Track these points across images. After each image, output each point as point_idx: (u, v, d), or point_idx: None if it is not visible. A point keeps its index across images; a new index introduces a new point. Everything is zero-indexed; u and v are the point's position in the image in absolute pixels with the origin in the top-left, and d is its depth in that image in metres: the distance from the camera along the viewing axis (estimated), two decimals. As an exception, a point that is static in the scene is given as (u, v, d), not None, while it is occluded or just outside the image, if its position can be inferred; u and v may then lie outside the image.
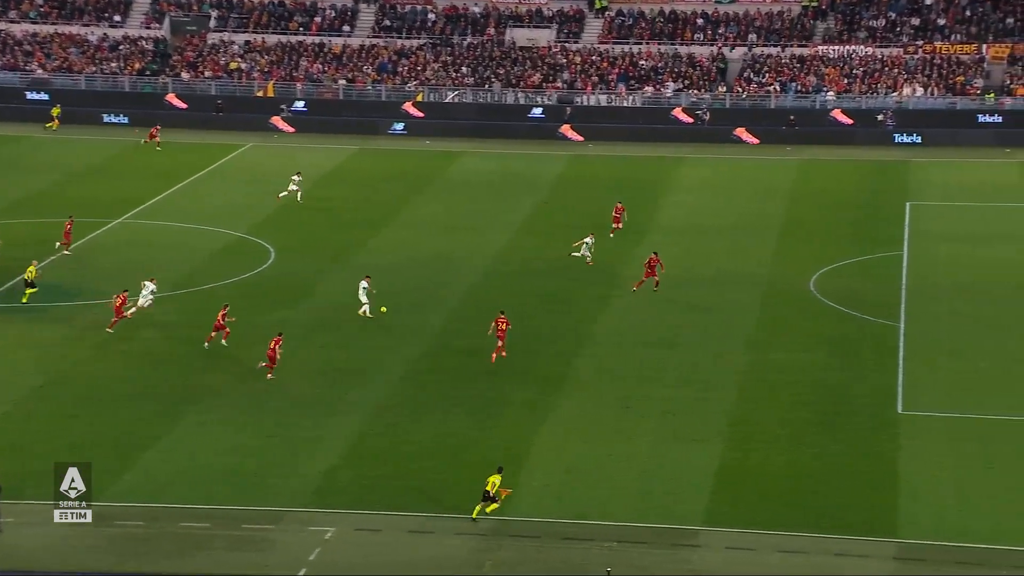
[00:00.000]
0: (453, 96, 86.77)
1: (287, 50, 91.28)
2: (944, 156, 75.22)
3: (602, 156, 77.78)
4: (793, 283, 53.56)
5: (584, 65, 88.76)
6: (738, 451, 38.79)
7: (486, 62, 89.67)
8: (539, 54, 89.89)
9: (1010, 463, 37.42)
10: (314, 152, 78.88)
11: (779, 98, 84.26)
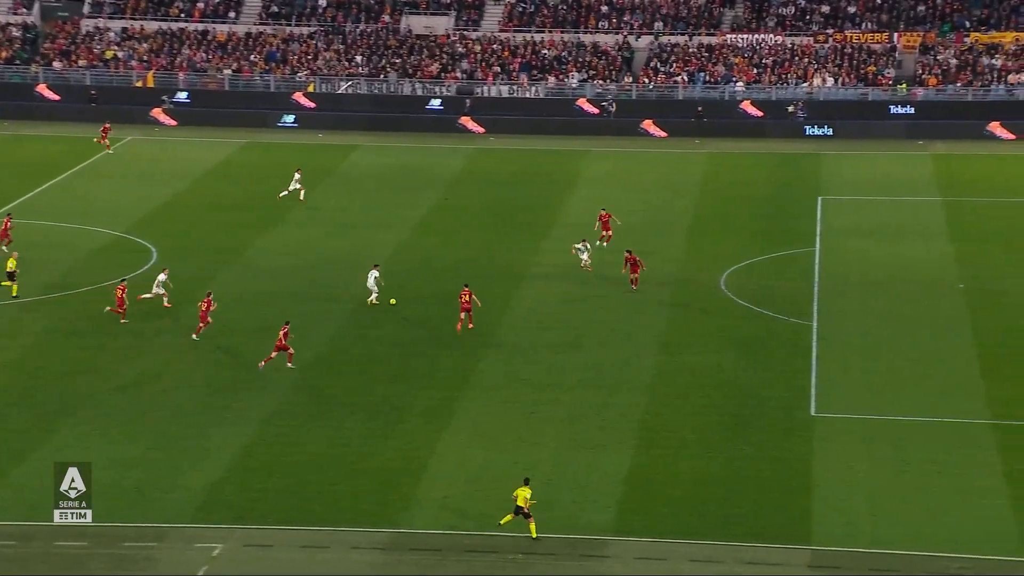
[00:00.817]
0: (346, 87, 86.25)
1: (168, 38, 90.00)
2: (856, 149, 76.59)
3: (504, 149, 77.87)
4: (703, 281, 54.10)
5: (484, 54, 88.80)
6: (647, 457, 39.05)
7: (381, 51, 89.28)
8: (437, 42, 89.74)
9: (924, 466, 38.16)
10: (198, 146, 77.86)
11: (687, 89, 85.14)
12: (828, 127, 79.84)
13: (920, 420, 41.11)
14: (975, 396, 42.71)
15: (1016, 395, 42.74)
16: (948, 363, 45.38)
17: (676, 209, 64.90)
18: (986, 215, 62.63)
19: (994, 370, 44.63)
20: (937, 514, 35.62)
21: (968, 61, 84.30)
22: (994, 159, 73.43)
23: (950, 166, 72.14)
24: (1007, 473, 37.51)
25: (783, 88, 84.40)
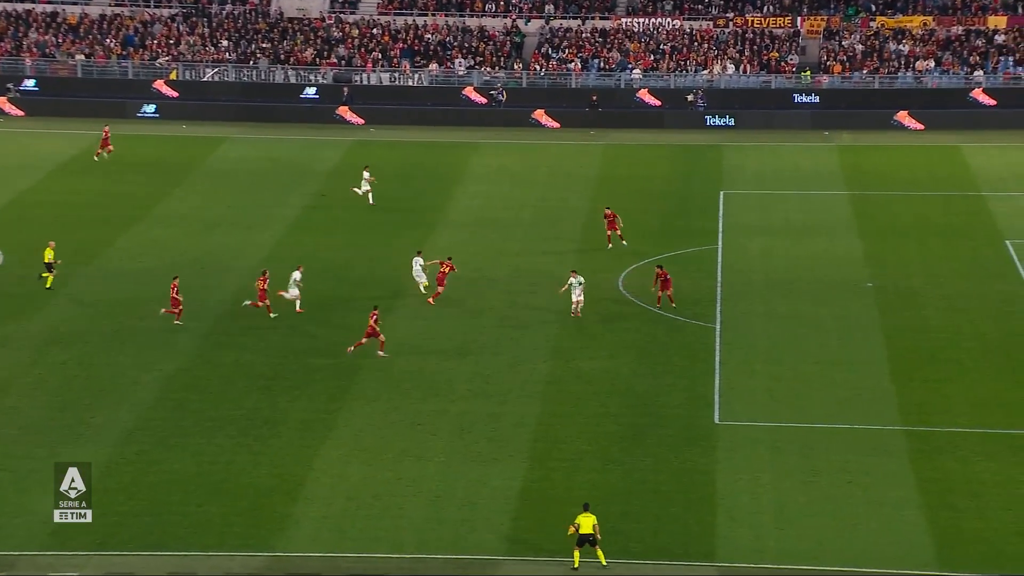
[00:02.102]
0: (213, 74, 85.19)
1: (12, 20, 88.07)
2: (759, 140, 77.61)
3: (385, 142, 77.55)
4: (599, 282, 54.32)
5: (363, 39, 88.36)
6: (541, 470, 39.07)
7: (250, 35, 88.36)
8: (311, 26, 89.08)
9: (833, 476, 38.67)
10: (49, 138, 76.34)
11: (580, 76, 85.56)
12: (729, 117, 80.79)
13: (829, 427, 41.67)
14: (886, 401, 43.43)
15: (928, 400, 43.55)
16: (857, 367, 46.09)
17: (571, 205, 65.14)
18: (895, 209, 63.83)
19: (905, 373, 45.43)
20: (847, 526, 36.10)
21: (874, 47, 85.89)
22: (902, 150, 74.91)
23: (857, 158, 73.41)
24: (919, 482, 38.16)
25: (682, 76, 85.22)
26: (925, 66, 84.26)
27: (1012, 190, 66.24)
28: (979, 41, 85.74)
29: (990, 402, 43.21)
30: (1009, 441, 40.51)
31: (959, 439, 40.63)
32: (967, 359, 46.58)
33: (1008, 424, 41.68)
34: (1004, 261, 56.14)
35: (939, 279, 54.34)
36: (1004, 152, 73.50)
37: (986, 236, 59.41)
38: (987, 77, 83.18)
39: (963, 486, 37.86)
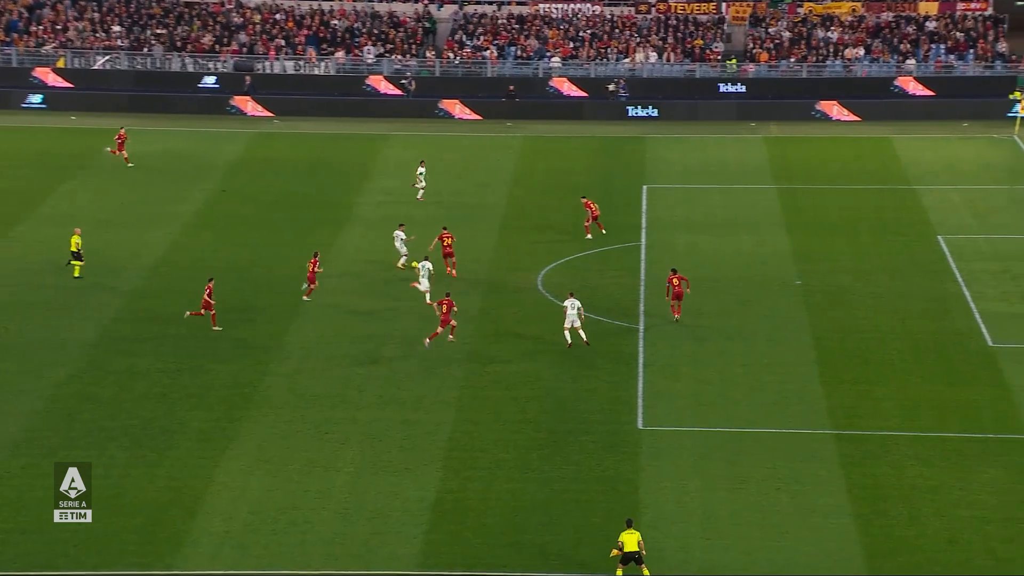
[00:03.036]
0: (104, 61, 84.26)
1: None
2: (683, 132, 78.11)
3: (290, 134, 77.15)
4: (518, 281, 54.38)
5: (265, 25, 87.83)
6: (456, 480, 39.05)
7: (144, 20, 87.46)
8: (209, 11, 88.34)
9: (761, 483, 39.00)
10: (-73, 130, 75.08)
11: (497, 65, 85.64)
12: (652, 107, 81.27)
13: (757, 432, 42.03)
14: (815, 404, 43.88)
15: (858, 402, 44.06)
16: (786, 369, 46.52)
17: (487, 200, 65.17)
18: (824, 204, 64.52)
19: (835, 375, 45.93)
20: (776, 535, 36.42)
21: (802, 34, 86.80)
22: (831, 142, 75.74)
23: (785, 150, 74.13)
24: (850, 488, 38.60)
25: (602, 64, 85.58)
26: (854, 54, 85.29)
27: (944, 183, 67.22)
28: (910, 28, 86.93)
29: (922, 404, 43.82)
30: (941, 445, 41.09)
31: (891, 443, 41.16)
32: (899, 360, 47.19)
33: (940, 427, 42.28)
34: (936, 257, 56.95)
35: (870, 276, 55.01)
36: (936, 144, 74.59)
37: (918, 232, 60.23)
38: (918, 66, 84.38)
39: (895, 492, 38.35)
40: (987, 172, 69.23)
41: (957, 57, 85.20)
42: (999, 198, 64.90)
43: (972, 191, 66.01)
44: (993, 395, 44.38)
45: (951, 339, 48.85)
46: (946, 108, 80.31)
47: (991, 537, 36.10)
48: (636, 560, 33.94)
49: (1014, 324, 49.99)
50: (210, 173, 68.88)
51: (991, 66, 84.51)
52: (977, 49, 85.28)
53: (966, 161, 71.27)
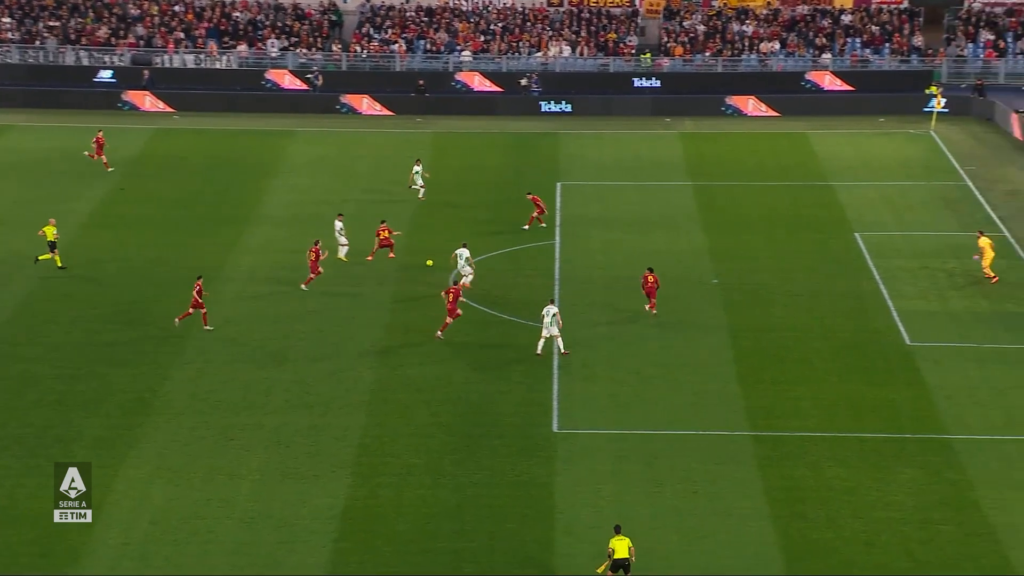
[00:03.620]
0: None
1: None
2: (597, 127, 78.41)
3: (191, 130, 76.52)
4: (428, 281, 54.32)
5: (164, 17, 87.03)
6: (366, 487, 38.97)
7: (35, 11, 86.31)
8: (105, 2, 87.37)
9: (678, 485, 39.28)
10: None
11: (406, 59, 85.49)
12: (566, 102, 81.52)
13: (673, 434, 42.32)
14: (732, 405, 44.26)
15: (776, 403, 44.49)
16: (703, 369, 46.87)
17: (397, 199, 65.00)
18: (741, 201, 65.06)
19: (752, 375, 46.35)
20: (693, 539, 36.70)
21: (717, 28, 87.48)
22: (747, 137, 76.38)
23: (700, 146, 74.67)
24: (767, 490, 38.98)
25: (514, 58, 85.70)
26: (770, 48, 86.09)
27: (861, 179, 68.04)
28: (825, 22, 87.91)
29: (840, 404, 44.34)
30: (859, 445, 41.60)
31: (809, 444, 41.61)
32: (816, 359, 47.72)
33: (858, 427, 42.81)
34: (854, 255, 57.65)
35: (787, 274, 55.56)
36: (853, 139, 75.48)
37: (835, 229, 60.92)
38: (834, 60, 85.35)
39: (813, 494, 38.78)
40: (904, 168, 70.19)
41: (873, 51, 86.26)
42: (916, 194, 65.82)
43: (889, 187, 66.89)
44: (911, 394, 45.02)
45: (869, 338, 49.46)
46: (863, 103, 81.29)
47: (909, 539, 36.62)
48: (625, 568, 34.00)
49: (931, 322, 50.72)
50: (106, 171, 68.07)
51: (907, 60, 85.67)
52: (893, 43, 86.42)
53: (883, 157, 72.19)
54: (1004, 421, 43.22)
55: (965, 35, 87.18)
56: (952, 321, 50.88)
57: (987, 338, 49.23)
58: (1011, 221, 60.67)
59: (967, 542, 36.47)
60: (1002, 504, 38.17)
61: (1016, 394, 44.99)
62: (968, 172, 68.45)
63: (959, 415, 43.54)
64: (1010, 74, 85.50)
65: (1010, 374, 46.42)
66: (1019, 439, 42.00)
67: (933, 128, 75.93)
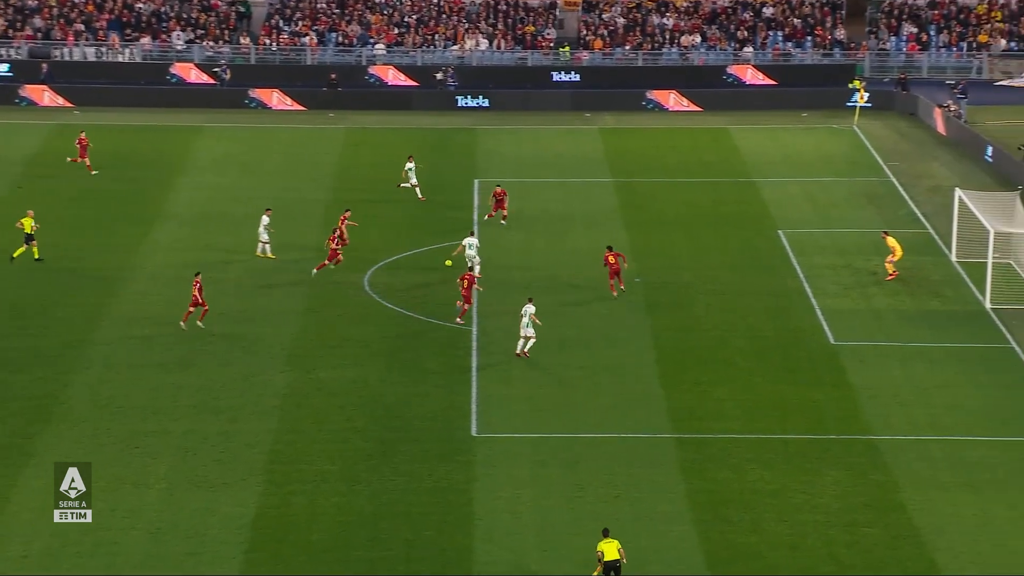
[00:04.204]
0: None
1: None
2: (515, 123, 78.52)
3: (94, 126, 75.67)
4: (342, 281, 54.19)
5: (62, 8, 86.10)
6: (278, 495, 38.80)
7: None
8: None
9: (599, 490, 39.42)
10: None
11: (317, 52, 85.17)
12: (483, 97, 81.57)
13: (595, 437, 42.49)
14: (655, 407, 44.50)
15: (699, 404, 44.79)
16: (624, 370, 47.09)
17: (309, 196, 64.79)
18: (662, 198, 65.42)
19: (675, 376, 46.63)
20: (616, 544, 36.88)
21: (636, 20, 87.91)
22: (668, 133, 76.81)
23: (621, 141, 75.00)
24: (690, 494, 39.24)
25: (430, 52, 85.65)
26: (690, 41, 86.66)
27: (784, 175, 68.66)
28: (746, 14, 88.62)
29: (764, 405, 44.72)
30: (783, 447, 41.98)
31: (732, 446, 41.93)
32: (740, 359, 48.10)
33: (782, 428, 43.20)
34: (777, 253, 58.15)
35: (710, 273, 55.94)
36: (775, 134, 76.14)
37: (758, 226, 61.43)
38: (756, 54, 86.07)
39: (736, 497, 39.08)
40: (827, 163, 70.91)
41: (795, 44, 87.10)
42: (839, 190, 66.51)
43: (812, 183, 67.54)
44: (835, 395, 45.49)
45: (793, 337, 49.93)
46: (785, 97, 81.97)
47: (834, 542, 37.00)
48: (616, 570, 34.06)
49: (855, 321, 51.29)
50: (4, 168, 67.29)
51: (830, 53, 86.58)
52: (815, 36, 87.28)
53: (806, 152, 72.90)
54: (928, 421, 43.80)
55: (888, 28, 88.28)
56: (876, 319, 51.49)
57: (911, 337, 49.86)
58: (935, 218, 61.45)
59: (893, 545, 36.91)
60: (927, 505, 38.68)
61: (940, 393, 45.61)
62: (891, 168, 69.30)
63: (884, 415, 44.06)
64: (933, 68, 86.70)
65: (934, 373, 47.05)
66: (943, 439, 42.58)
67: (856, 123, 76.77)
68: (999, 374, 47.08)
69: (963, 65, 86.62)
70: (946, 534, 37.37)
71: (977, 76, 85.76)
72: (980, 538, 37.17)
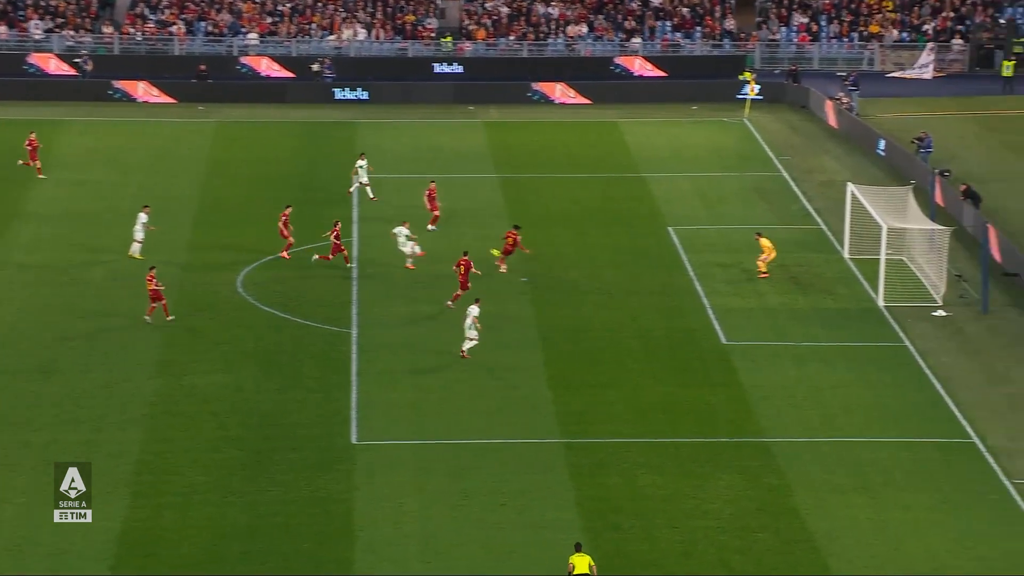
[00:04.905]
0: None
1: None
2: (396, 116, 78.37)
3: (-53, 119, 74.49)
4: (214, 282, 53.77)
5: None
6: (146, 508, 38.39)
7: None
8: None
9: (486, 498, 39.43)
10: None
11: (186, 42, 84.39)
12: (362, 89, 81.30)
13: (481, 443, 42.49)
14: (543, 411, 44.60)
15: (588, 407, 44.96)
16: (511, 373, 47.14)
17: (178, 194, 64.17)
18: (549, 194, 65.60)
19: (564, 378, 46.77)
20: (502, 555, 36.90)
21: (521, 9, 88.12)
22: (555, 126, 77.08)
23: (506, 135, 75.12)
24: (580, 501, 39.36)
25: (305, 42, 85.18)
26: (577, 32, 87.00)
27: (674, 170, 69.16)
28: (634, 4, 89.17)
29: (655, 407, 44.99)
30: (675, 451, 42.25)
31: (622, 451, 42.12)
32: (630, 360, 48.35)
33: (674, 432, 43.49)
34: (667, 250, 58.55)
35: (599, 271, 56.19)
36: (664, 128, 76.70)
37: (648, 222, 61.82)
38: (644, 44, 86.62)
39: (627, 504, 39.26)
40: (718, 158, 71.55)
41: (684, 35, 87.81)
42: (730, 185, 67.14)
43: (702, 178, 68.12)
44: (727, 396, 45.89)
45: (684, 337, 50.29)
46: (675, 89, 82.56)
47: (726, 548, 37.30)
48: None
49: (747, 320, 51.78)
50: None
51: (719, 44, 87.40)
52: (704, 26, 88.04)
53: (696, 146, 73.50)
54: (821, 422, 44.32)
55: (778, 18, 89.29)
56: (768, 318, 52.03)
57: (804, 336, 50.44)
58: (827, 213, 62.22)
59: (785, 550, 37.28)
60: (821, 509, 39.12)
61: (833, 394, 46.18)
62: (783, 162, 70.10)
63: (776, 417, 44.52)
64: (824, 59, 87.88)
65: (827, 373, 47.62)
66: (837, 440, 43.10)
67: (747, 116, 77.56)
68: (893, 373, 47.77)
69: (854, 56, 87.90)
70: (840, 538, 37.82)
71: (869, 67, 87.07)
72: (875, 542, 37.66)
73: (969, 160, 70.35)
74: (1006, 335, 51.01)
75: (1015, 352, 49.57)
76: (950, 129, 75.34)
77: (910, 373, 47.87)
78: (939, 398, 45.93)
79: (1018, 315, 52.65)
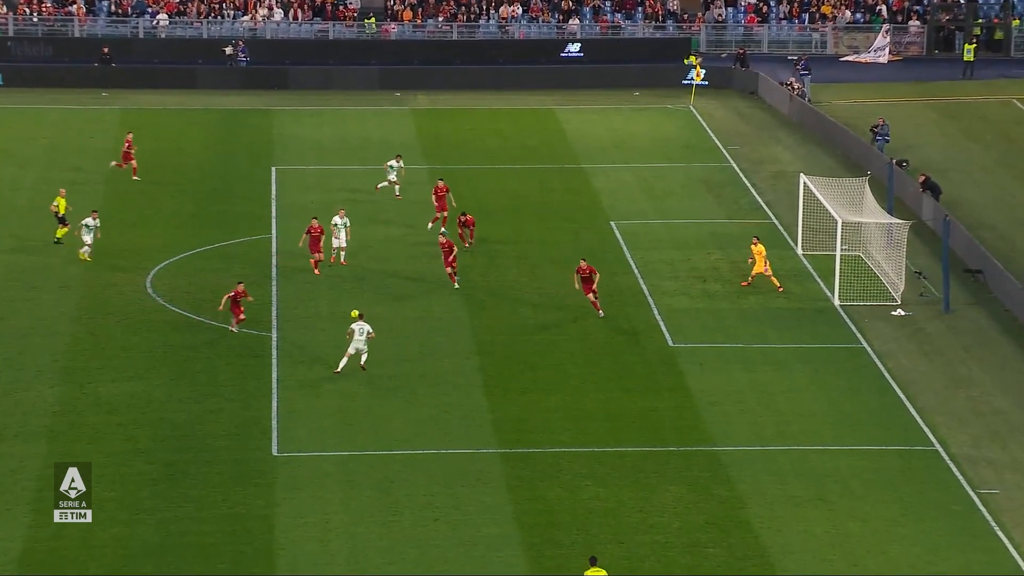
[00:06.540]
0: None
1: None
2: (316, 103, 78.30)
3: None
4: (120, 283, 53.55)
5: None
6: (49, 527, 38.17)
7: None
8: None
9: (417, 512, 39.49)
10: None
11: (87, 23, 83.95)
12: (273, 75, 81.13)
13: (412, 454, 42.56)
14: (478, 419, 44.72)
15: (526, 415, 45.11)
16: (444, 379, 47.23)
17: (79, 187, 63.69)
18: (483, 186, 65.75)
19: (500, 385, 46.91)
20: (435, 573, 36.95)
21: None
22: (488, 114, 77.24)
23: (436, 124, 75.22)
24: (518, 515, 39.51)
25: (217, 23, 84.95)
26: (511, 13, 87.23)
27: (616, 161, 69.48)
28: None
29: (597, 415, 45.20)
30: (618, 460, 42.48)
31: (563, 461, 42.32)
32: (571, 365, 48.56)
33: (616, 440, 43.71)
34: (610, 246, 58.82)
35: (537, 270, 56.36)
36: (605, 116, 77.03)
37: (589, 217, 62.09)
38: (583, 26, 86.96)
39: (568, 517, 39.44)
40: (662, 148, 71.93)
41: (625, 17, 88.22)
42: (675, 177, 67.52)
43: (646, 169, 68.48)
44: (674, 402, 46.17)
45: (628, 340, 50.56)
46: (615, 75, 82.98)
47: (673, 564, 37.54)
48: None
49: (695, 320, 52.11)
50: None
51: (662, 26, 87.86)
52: (646, 7, 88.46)
53: (639, 135, 73.87)
54: (774, 430, 44.66)
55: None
56: (717, 319, 52.38)
57: (755, 337, 50.81)
58: (778, 206, 62.73)
59: (738, 567, 37.56)
60: (774, 522, 39.43)
61: (787, 399, 46.55)
62: (731, 152, 70.59)
63: (726, 424, 44.84)
64: (774, 42, 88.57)
65: (780, 377, 48.01)
66: (791, 449, 43.46)
67: (693, 103, 78.02)
68: (849, 377, 48.22)
69: (805, 39, 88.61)
70: (795, 553, 38.15)
71: (821, 51, 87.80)
72: (832, 556, 38.02)
73: (928, 149, 71.13)
74: (968, 335, 51.60)
75: (978, 353, 50.15)
76: (908, 116, 76.15)
77: (868, 376, 48.34)
78: (899, 403, 46.42)
79: (981, 314, 53.27)
